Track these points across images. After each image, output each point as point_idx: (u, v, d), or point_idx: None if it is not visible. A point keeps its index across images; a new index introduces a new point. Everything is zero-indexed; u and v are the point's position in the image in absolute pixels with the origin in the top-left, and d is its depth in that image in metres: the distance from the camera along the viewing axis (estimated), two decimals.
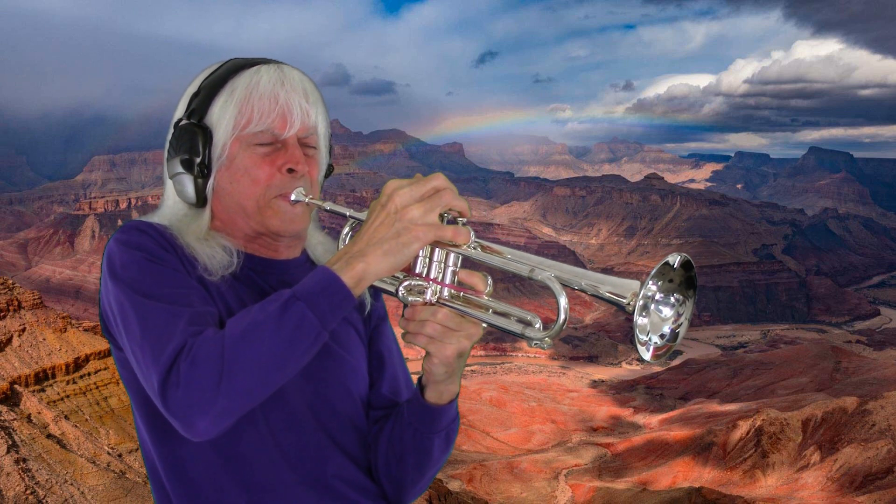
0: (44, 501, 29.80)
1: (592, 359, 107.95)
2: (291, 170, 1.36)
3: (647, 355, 1.11)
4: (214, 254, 1.36)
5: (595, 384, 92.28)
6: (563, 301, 1.11)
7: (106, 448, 35.43)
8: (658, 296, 1.09)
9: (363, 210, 1.33)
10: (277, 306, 1.14)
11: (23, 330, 39.40)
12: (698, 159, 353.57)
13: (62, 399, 37.73)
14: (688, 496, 43.54)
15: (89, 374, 39.85)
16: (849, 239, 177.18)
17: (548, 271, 1.15)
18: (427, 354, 1.31)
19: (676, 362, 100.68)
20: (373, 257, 1.17)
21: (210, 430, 1.14)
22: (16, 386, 36.19)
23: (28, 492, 29.70)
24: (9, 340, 38.75)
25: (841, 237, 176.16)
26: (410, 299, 1.26)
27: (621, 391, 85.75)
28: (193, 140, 1.35)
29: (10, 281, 42.25)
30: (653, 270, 1.07)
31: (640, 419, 73.38)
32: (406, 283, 1.26)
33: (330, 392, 1.41)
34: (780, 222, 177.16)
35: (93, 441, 35.33)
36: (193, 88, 1.39)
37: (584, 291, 1.12)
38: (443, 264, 1.25)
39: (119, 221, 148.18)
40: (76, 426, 35.79)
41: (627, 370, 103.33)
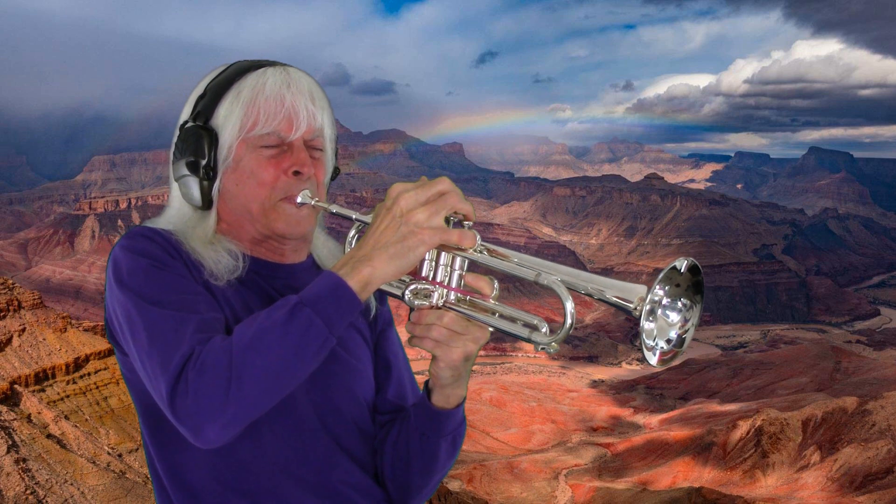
0: (44, 501, 29.80)
1: (592, 359, 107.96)
2: (297, 172, 1.35)
3: (654, 360, 1.11)
4: (220, 258, 1.35)
5: (595, 384, 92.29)
6: (570, 305, 1.12)
7: (106, 448, 35.43)
8: (665, 300, 1.09)
9: (369, 213, 1.31)
10: (284, 313, 1.14)
11: (23, 330, 39.40)
12: (698, 159, 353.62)
13: (62, 399, 37.73)
14: (688, 496, 43.54)
15: (89, 374, 39.85)
16: (849, 239, 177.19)
17: (554, 275, 1.14)
18: (434, 358, 1.31)
19: (676, 362, 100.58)
20: (379, 261, 1.17)
21: (220, 438, 1.14)
22: (16, 386, 36.20)
23: (28, 492, 29.70)
24: (9, 340, 38.75)
25: (841, 237, 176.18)
26: (417, 303, 1.26)
27: (621, 391, 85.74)
28: (199, 142, 1.34)
29: (10, 281, 42.26)
30: (660, 275, 1.06)
31: (640, 419, 73.38)
32: (412, 287, 1.26)
33: (336, 397, 1.41)
34: (780, 222, 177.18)
35: (93, 441, 35.32)
36: (199, 91, 1.39)
37: (591, 296, 1.11)
38: (449, 268, 1.25)
39: (119, 221, 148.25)
40: (76, 426, 35.80)
41: (627, 370, 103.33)
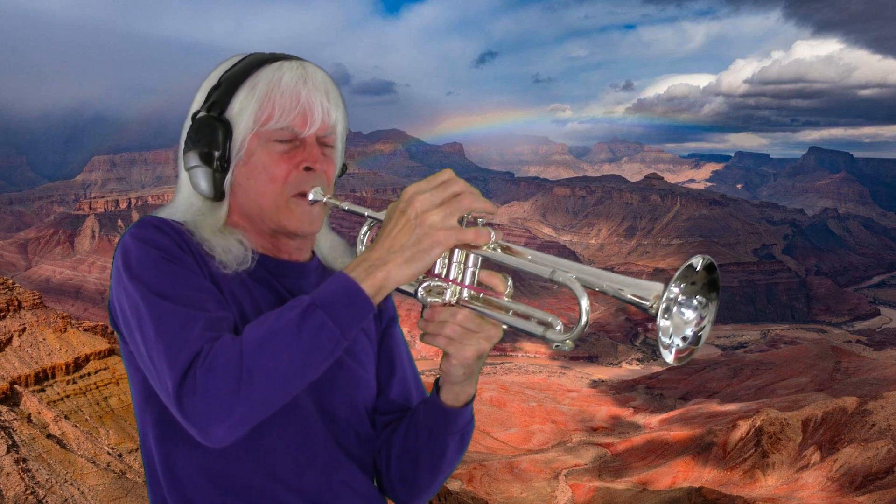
0: (44, 501, 29.80)
1: (592, 359, 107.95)
2: (309, 168, 1.34)
3: (671, 358, 1.10)
4: (230, 247, 1.34)
5: (595, 384, 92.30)
6: (585, 303, 1.11)
7: (106, 448, 35.43)
8: (681, 298, 1.08)
9: (382, 210, 1.32)
10: (296, 314, 1.13)
11: (23, 330, 39.40)
12: (698, 159, 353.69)
13: (62, 399, 37.73)
14: (688, 496, 43.54)
15: (89, 374, 39.85)
16: (849, 239, 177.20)
17: (569, 273, 1.14)
18: (445, 356, 1.30)
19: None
20: (394, 265, 1.16)
21: (227, 437, 1.13)
22: (16, 386, 36.19)
23: (28, 492, 29.70)
24: (9, 340, 38.75)
25: (841, 237, 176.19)
26: (430, 300, 1.25)
27: (621, 391, 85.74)
28: (213, 133, 1.33)
29: (10, 281, 42.26)
30: (677, 273, 1.05)
31: (640, 419, 73.37)
32: (425, 284, 1.25)
33: (335, 402, 1.40)
34: (780, 222, 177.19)
35: (93, 441, 35.33)
36: (213, 81, 1.37)
37: (606, 293, 1.11)
38: (462, 265, 1.25)
39: (119, 221, 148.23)
40: (76, 426, 35.79)
41: (627, 370, 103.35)
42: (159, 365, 1.15)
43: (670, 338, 1.08)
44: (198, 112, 1.36)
